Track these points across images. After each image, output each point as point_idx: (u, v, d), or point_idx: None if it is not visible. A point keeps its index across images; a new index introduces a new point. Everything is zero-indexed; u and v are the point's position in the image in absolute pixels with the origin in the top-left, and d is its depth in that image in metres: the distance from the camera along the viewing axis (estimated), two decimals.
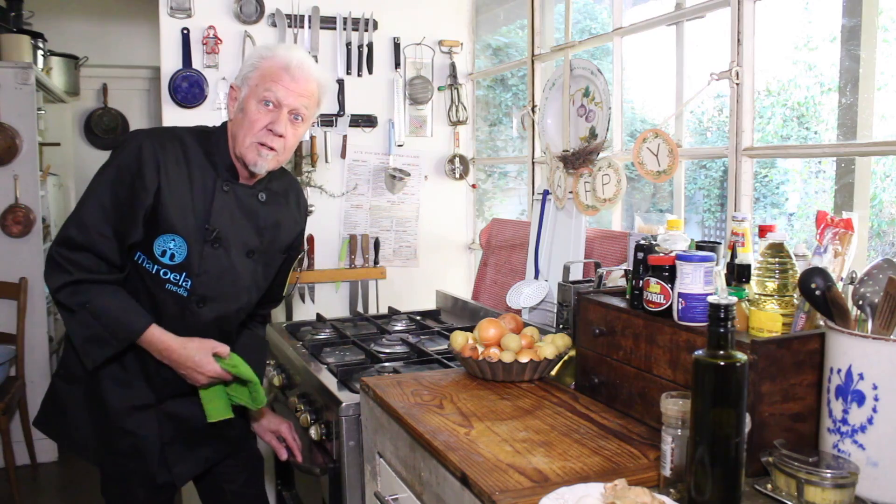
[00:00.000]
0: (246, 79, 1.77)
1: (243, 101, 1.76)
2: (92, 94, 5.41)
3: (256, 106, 1.73)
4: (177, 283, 1.79)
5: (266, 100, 1.73)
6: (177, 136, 1.80)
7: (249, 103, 1.74)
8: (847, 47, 1.87)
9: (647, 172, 2.06)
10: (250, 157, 1.76)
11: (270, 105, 1.73)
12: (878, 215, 2.81)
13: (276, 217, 1.92)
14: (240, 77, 1.79)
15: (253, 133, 1.74)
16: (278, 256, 1.97)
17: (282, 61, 1.74)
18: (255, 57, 1.79)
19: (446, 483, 1.37)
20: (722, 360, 1.08)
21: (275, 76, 1.73)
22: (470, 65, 3.29)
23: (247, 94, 1.75)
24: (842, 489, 1.12)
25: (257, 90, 1.73)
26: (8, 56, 3.92)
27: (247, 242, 1.86)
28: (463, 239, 3.36)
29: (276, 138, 1.75)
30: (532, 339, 1.89)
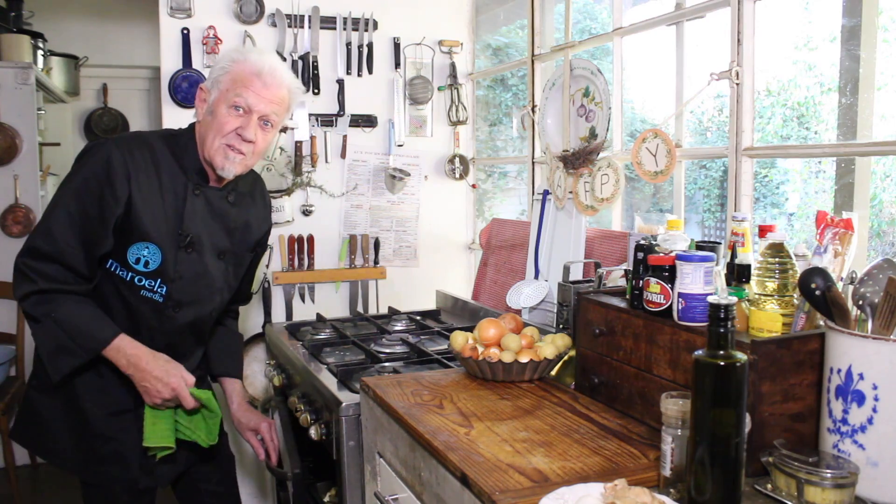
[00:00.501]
0: (216, 82, 1.75)
1: (213, 105, 1.75)
2: (92, 94, 5.40)
3: (226, 110, 1.73)
4: (152, 290, 1.79)
5: (236, 105, 1.73)
6: (145, 141, 1.77)
7: (219, 107, 1.73)
8: (847, 47, 1.87)
9: (645, 173, 2.06)
10: (218, 161, 1.76)
11: (241, 110, 1.73)
12: (878, 215, 2.81)
13: (245, 217, 1.94)
14: (210, 79, 1.77)
15: (222, 135, 1.74)
16: (247, 255, 2.00)
17: (253, 67, 1.73)
18: (225, 60, 1.76)
19: (446, 483, 1.37)
20: (722, 360, 1.08)
21: (246, 82, 1.72)
22: (470, 65, 3.29)
23: (217, 97, 1.74)
24: (842, 489, 1.12)
25: (228, 95, 1.73)
26: (8, 56, 3.92)
27: (218, 244, 1.88)
28: (463, 239, 3.36)
29: (244, 143, 1.75)
30: (532, 339, 1.89)
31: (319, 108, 3.04)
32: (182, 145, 1.80)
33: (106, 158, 1.69)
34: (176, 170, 1.78)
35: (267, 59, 1.77)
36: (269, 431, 2.12)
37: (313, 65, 3.00)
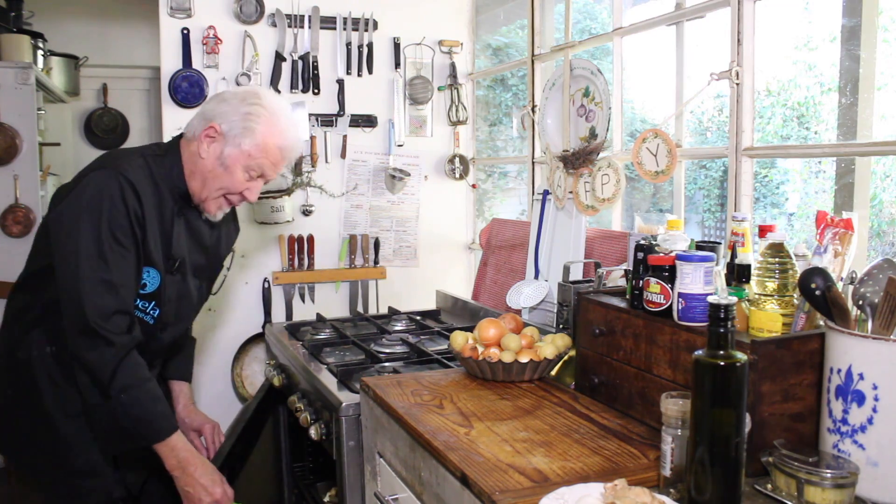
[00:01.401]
0: (237, 137, 1.70)
1: (228, 159, 1.71)
2: (92, 94, 5.40)
3: (242, 172, 1.72)
4: (145, 311, 1.77)
5: (253, 171, 1.74)
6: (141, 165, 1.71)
7: (236, 167, 1.71)
8: (847, 47, 1.87)
9: (646, 173, 2.06)
10: (211, 208, 1.78)
11: (254, 174, 1.75)
12: (878, 215, 2.81)
13: (218, 234, 1.94)
14: (227, 123, 1.70)
15: (228, 191, 1.75)
16: (219, 269, 2.02)
17: (280, 140, 1.73)
18: (253, 115, 1.70)
19: (446, 483, 1.37)
20: (722, 360, 1.08)
21: (272, 156, 1.73)
22: (470, 65, 3.29)
23: (236, 155, 1.70)
24: (842, 489, 1.12)
25: (249, 160, 1.71)
26: (8, 56, 3.92)
27: (195, 263, 1.88)
28: (463, 239, 3.36)
29: (241, 199, 1.78)
30: (532, 339, 1.89)
31: (319, 108, 3.04)
32: (168, 167, 1.75)
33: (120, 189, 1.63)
34: (164, 192, 1.74)
35: (293, 129, 1.77)
36: (211, 433, 2.11)
37: (313, 65, 3.00)
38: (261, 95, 1.74)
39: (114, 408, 1.63)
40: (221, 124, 1.70)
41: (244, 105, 1.70)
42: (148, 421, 1.68)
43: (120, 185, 1.62)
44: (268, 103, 1.73)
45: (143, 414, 1.66)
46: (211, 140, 1.71)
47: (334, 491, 2.11)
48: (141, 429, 1.67)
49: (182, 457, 1.72)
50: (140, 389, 1.65)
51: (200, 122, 1.74)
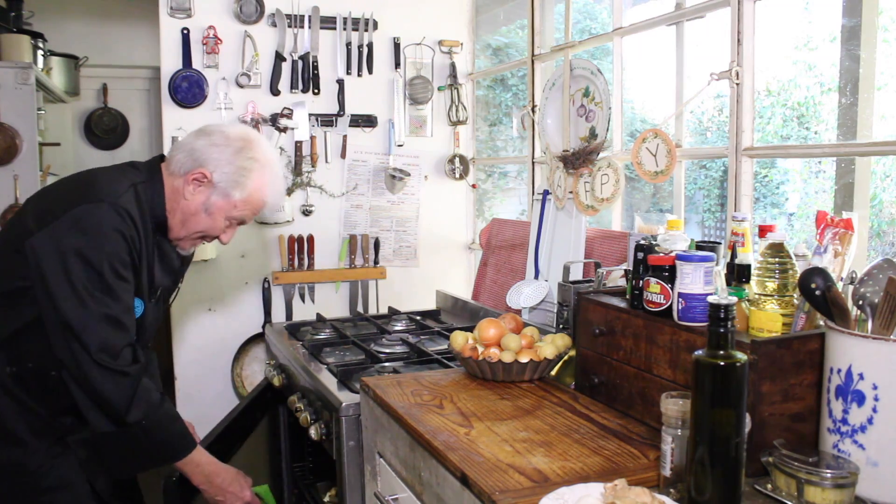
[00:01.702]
0: (227, 188, 1.69)
1: (212, 206, 1.71)
2: (92, 94, 5.40)
3: (224, 220, 1.74)
4: None
5: (235, 220, 1.76)
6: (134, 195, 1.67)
7: (219, 215, 1.72)
8: (847, 47, 1.87)
9: (645, 173, 2.06)
10: (186, 245, 1.80)
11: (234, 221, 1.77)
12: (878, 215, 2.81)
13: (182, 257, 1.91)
14: (219, 173, 1.68)
15: (204, 233, 1.76)
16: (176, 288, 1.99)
17: (269, 194, 1.74)
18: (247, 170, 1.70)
19: (446, 483, 1.37)
20: (722, 360, 1.08)
21: (256, 207, 1.75)
22: (470, 65, 3.29)
23: (220, 203, 1.70)
24: (842, 489, 1.12)
25: (233, 211, 1.72)
26: (8, 56, 3.91)
27: (165, 288, 1.87)
28: (463, 239, 3.36)
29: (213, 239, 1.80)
30: (532, 339, 1.89)
31: (319, 108, 3.04)
32: (150, 196, 1.72)
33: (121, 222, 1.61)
34: (147, 222, 1.71)
35: (280, 182, 1.79)
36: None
37: (313, 65, 3.00)
38: (254, 146, 1.72)
39: (135, 434, 1.64)
40: (213, 172, 1.68)
41: (239, 158, 1.69)
42: (170, 442, 1.70)
43: (121, 218, 1.60)
44: (261, 156, 1.72)
45: (166, 436, 1.68)
46: (198, 184, 1.69)
47: (334, 491, 2.11)
48: (164, 450, 1.70)
49: (207, 470, 1.76)
50: (158, 412, 1.66)
51: (188, 161, 1.70)
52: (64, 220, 1.58)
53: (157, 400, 1.67)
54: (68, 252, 1.56)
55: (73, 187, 1.70)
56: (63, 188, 1.74)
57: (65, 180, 1.81)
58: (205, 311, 3.00)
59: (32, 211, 1.67)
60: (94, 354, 1.57)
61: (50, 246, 1.57)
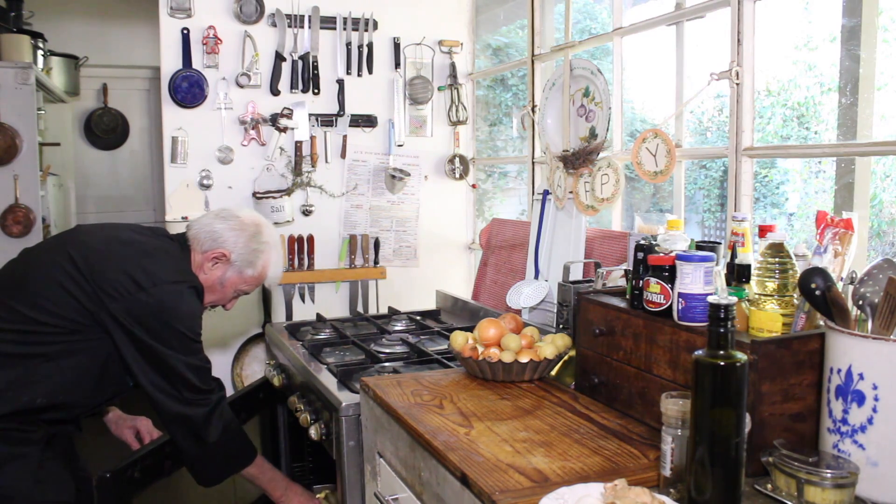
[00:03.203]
0: (242, 267, 1.97)
1: (227, 280, 1.98)
2: (92, 94, 5.40)
3: (233, 291, 2.01)
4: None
5: (241, 292, 2.03)
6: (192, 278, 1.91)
7: (230, 288, 1.99)
8: (847, 47, 1.87)
9: (645, 173, 2.06)
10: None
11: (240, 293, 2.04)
12: (878, 215, 2.81)
13: None
14: (236, 253, 1.95)
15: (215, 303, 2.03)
16: None
17: (271, 272, 2.04)
18: (259, 251, 1.98)
19: (446, 483, 1.37)
20: (722, 360, 1.08)
21: (260, 282, 2.05)
22: (470, 65, 3.29)
23: (234, 278, 1.98)
24: (842, 489, 1.12)
25: (243, 285, 2.01)
26: (8, 56, 3.91)
27: None
28: (463, 239, 3.36)
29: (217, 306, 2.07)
30: (532, 339, 1.89)
31: (319, 108, 3.04)
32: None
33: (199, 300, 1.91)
34: None
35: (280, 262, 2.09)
36: (146, 428, 2.19)
37: (313, 65, 3.00)
38: (264, 232, 2.02)
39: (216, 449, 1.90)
40: (231, 253, 1.95)
41: (253, 242, 1.98)
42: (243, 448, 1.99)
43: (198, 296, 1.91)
44: (270, 239, 2.03)
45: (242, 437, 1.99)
46: (216, 262, 1.95)
47: (324, 494, 2.11)
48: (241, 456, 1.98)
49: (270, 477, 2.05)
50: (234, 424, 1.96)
51: (208, 241, 1.95)
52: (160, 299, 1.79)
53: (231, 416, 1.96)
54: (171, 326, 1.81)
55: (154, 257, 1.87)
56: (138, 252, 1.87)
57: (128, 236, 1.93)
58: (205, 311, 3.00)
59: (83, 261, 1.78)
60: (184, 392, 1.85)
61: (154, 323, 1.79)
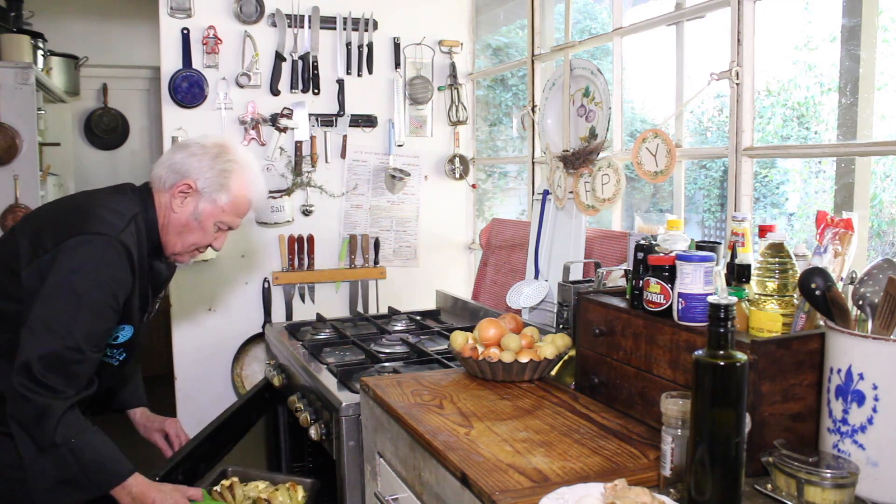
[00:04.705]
0: (213, 193, 1.74)
1: (201, 214, 1.75)
2: (92, 94, 5.40)
3: (213, 226, 1.78)
4: (111, 357, 1.79)
5: (223, 225, 1.80)
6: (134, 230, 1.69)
7: (208, 221, 1.76)
8: (847, 47, 1.87)
9: (645, 173, 2.06)
10: (184, 259, 1.83)
11: (223, 227, 1.81)
12: (878, 215, 2.81)
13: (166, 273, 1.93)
14: (203, 180, 1.73)
15: (200, 244, 1.80)
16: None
17: (252, 194, 1.80)
18: (227, 171, 1.74)
19: (446, 483, 1.37)
20: (722, 360, 1.08)
21: (241, 211, 1.80)
22: (470, 65, 3.29)
23: (209, 210, 1.75)
24: (842, 489, 1.12)
25: (221, 215, 1.77)
26: (8, 56, 3.92)
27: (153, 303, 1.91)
28: (463, 239, 3.36)
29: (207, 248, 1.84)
30: (532, 339, 1.89)
31: (319, 108, 3.04)
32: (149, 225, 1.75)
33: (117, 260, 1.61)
34: (144, 250, 1.74)
35: (261, 182, 1.83)
36: (174, 429, 2.10)
37: (313, 65, 3.00)
38: (230, 149, 1.78)
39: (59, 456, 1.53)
40: (197, 181, 1.73)
41: (218, 162, 1.74)
42: (102, 466, 1.59)
43: (118, 255, 1.61)
44: (239, 157, 1.78)
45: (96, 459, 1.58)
46: (184, 196, 1.74)
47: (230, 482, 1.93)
48: (94, 475, 1.57)
49: (136, 492, 1.62)
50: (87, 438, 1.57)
51: (171, 176, 1.74)
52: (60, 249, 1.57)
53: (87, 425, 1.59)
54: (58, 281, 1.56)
55: (72, 213, 1.68)
56: (61, 212, 1.72)
57: (63, 201, 1.81)
58: (205, 311, 3.00)
59: (29, 233, 1.65)
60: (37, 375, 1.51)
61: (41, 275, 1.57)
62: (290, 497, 1.88)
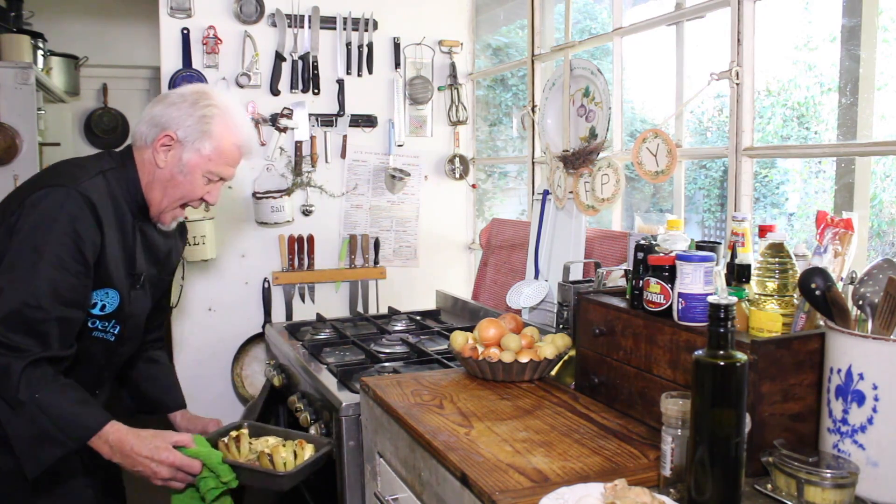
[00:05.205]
0: (195, 142, 1.65)
1: (186, 165, 1.66)
2: (92, 94, 5.40)
3: (202, 177, 1.68)
4: (105, 331, 1.70)
5: (213, 176, 1.69)
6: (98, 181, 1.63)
7: (195, 172, 1.67)
8: (847, 47, 1.87)
9: (646, 173, 2.06)
10: (167, 218, 1.73)
11: (213, 178, 1.70)
12: (878, 215, 2.81)
13: (168, 246, 1.87)
14: (183, 129, 1.64)
15: (186, 199, 1.70)
16: (166, 281, 1.93)
17: (237, 138, 1.69)
18: (208, 117, 1.65)
19: (446, 483, 1.37)
20: (722, 360, 1.08)
21: (230, 158, 1.69)
22: (470, 65, 3.29)
23: (194, 160, 1.66)
24: (842, 489, 1.12)
25: (209, 164, 1.67)
26: (8, 56, 3.92)
27: (152, 277, 1.82)
28: (463, 239, 3.36)
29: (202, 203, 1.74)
30: (532, 339, 1.89)
31: (319, 108, 3.04)
32: (126, 181, 1.68)
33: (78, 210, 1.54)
34: (122, 207, 1.67)
35: (247, 125, 1.73)
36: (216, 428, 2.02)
37: (313, 65, 3.00)
38: (210, 95, 1.69)
39: (28, 412, 1.48)
40: (177, 131, 1.65)
41: (197, 108, 1.66)
42: (73, 418, 1.52)
43: (79, 206, 1.54)
44: (219, 102, 1.69)
45: (66, 412, 1.51)
46: (167, 148, 1.66)
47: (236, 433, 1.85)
48: (68, 428, 1.51)
49: (113, 440, 1.55)
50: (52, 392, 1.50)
51: (151, 130, 1.67)
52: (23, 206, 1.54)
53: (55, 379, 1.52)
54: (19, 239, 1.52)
55: (38, 174, 1.68)
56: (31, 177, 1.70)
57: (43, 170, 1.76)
58: (205, 311, 3.00)
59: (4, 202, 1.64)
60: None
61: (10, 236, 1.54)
62: (294, 453, 1.76)
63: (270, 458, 1.71)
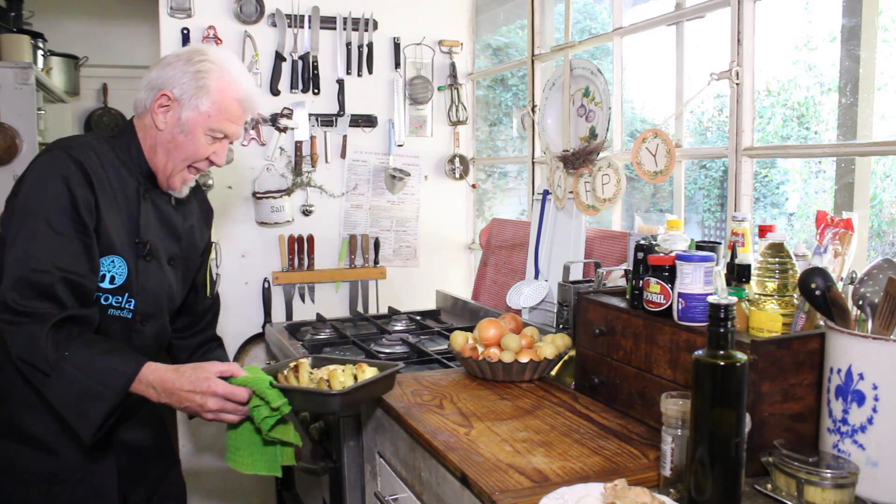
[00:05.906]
0: (193, 98, 1.60)
1: (187, 125, 1.60)
2: (92, 94, 5.40)
3: (204, 136, 1.62)
4: (120, 307, 1.64)
5: (217, 133, 1.63)
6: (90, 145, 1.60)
7: (196, 131, 1.61)
8: (847, 47, 1.87)
9: (645, 173, 2.06)
10: (176, 183, 1.68)
11: (217, 136, 1.64)
12: (878, 215, 2.81)
13: (189, 221, 1.82)
14: (179, 87, 1.59)
15: (192, 160, 1.65)
16: (195, 261, 1.87)
17: (237, 92, 1.63)
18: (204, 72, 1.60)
19: (446, 483, 1.37)
20: (722, 360, 1.08)
21: (231, 114, 1.63)
22: (470, 65, 3.29)
23: (194, 118, 1.60)
24: (842, 489, 1.12)
25: (210, 122, 1.61)
26: (8, 56, 3.92)
27: (168, 250, 1.75)
28: (463, 239, 3.36)
29: (211, 165, 1.68)
30: (532, 339, 1.89)
31: (319, 108, 3.04)
32: (126, 146, 1.65)
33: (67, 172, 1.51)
34: (124, 173, 1.63)
35: (246, 79, 1.66)
36: None
37: (313, 65, 3.00)
38: (205, 51, 1.63)
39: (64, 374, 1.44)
40: (173, 89, 1.59)
41: (191, 65, 1.60)
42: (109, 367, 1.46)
43: (66, 166, 1.51)
44: (215, 57, 1.63)
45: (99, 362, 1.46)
46: (165, 109, 1.61)
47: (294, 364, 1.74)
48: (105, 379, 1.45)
49: (154, 380, 1.48)
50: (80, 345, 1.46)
51: (148, 93, 1.62)
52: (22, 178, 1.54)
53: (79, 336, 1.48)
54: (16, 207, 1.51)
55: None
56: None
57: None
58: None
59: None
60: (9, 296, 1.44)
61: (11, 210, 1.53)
62: (355, 377, 1.60)
63: (328, 383, 1.57)
